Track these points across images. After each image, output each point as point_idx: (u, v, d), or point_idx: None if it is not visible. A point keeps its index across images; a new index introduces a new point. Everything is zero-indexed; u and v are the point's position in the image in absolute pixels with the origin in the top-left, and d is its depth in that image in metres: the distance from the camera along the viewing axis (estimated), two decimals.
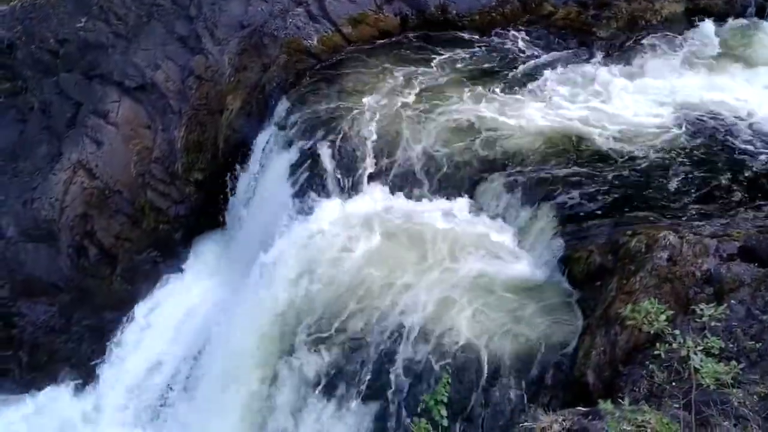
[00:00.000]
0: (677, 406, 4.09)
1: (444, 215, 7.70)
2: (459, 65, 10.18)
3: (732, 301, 5.37)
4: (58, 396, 10.39)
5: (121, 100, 11.24)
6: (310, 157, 8.87)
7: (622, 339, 5.72)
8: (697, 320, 4.08)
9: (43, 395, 10.47)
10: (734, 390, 4.09)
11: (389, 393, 6.38)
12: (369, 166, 8.52)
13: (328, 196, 8.36)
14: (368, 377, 6.53)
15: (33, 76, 12.04)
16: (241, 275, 8.74)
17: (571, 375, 5.96)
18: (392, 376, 6.41)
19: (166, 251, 11.05)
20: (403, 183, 8.35)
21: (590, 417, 3.83)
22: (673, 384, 4.40)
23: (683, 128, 8.71)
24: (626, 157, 8.17)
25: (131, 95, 11.27)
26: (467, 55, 10.39)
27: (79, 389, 10.35)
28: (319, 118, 9.21)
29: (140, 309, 10.52)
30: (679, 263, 5.97)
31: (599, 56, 10.54)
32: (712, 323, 3.25)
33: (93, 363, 10.42)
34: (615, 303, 6.01)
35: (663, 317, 3.12)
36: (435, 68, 10.09)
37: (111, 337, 10.46)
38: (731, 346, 4.87)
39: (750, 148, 8.31)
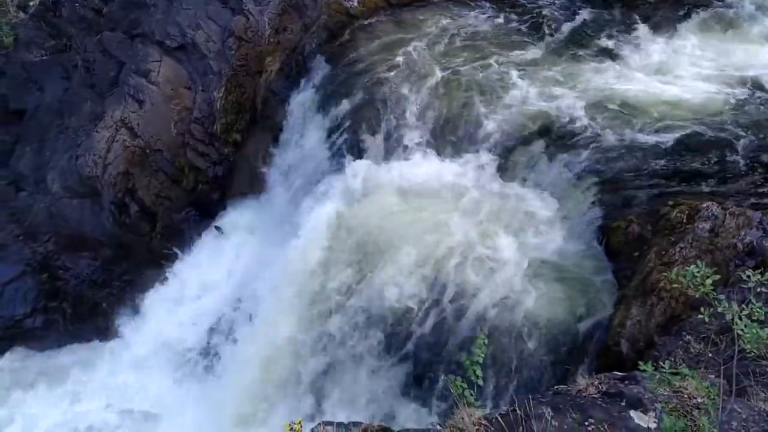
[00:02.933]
0: (713, 375, 4.09)
1: (483, 180, 7.66)
2: (501, 28, 10.00)
3: None
4: (101, 347, 10.76)
5: (162, 59, 11.34)
6: (348, 119, 8.90)
7: (659, 310, 5.69)
8: (739, 290, 4.04)
9: (87, 345, 10.85)
10: None
11: (426, 352, 6.49)
12: (406, 129, 8.49)
13: (364, 158, 8.39)
14: (406, 336, 6.63)
15: (77, 34, 12.20)
16: (278, 234, 8.88)
17: (605, 344, 5.96)
18: (429, 336, 6.51)
19: (205, 210, 11.26)
20: (440, 146, 8.31)
21: (626, 381, 3.86)
22: (710, 354, 4.38)
23: (728, 99, 8.44)
24: (668, 127, 7.97)
25: (172, 55, 11.36)
26: (510, 19, 10.20)
27: (120, 341, 10.70)
28: (357, 80, 9.19)
29: (179, 266, 10.79)
30: (721, 235, 5.88)
31: (644, 23, 10.22)
32: (758, 289, 3.22)
33: (134, 316, 10.75)
34: (653, 274, 5.96)
35: (709, 281, 3.11)
36: (476, 31, 9.93)
37: (151, 291, 10.77)
38: None
39: None
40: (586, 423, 3.54)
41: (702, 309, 3.20)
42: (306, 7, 10.78)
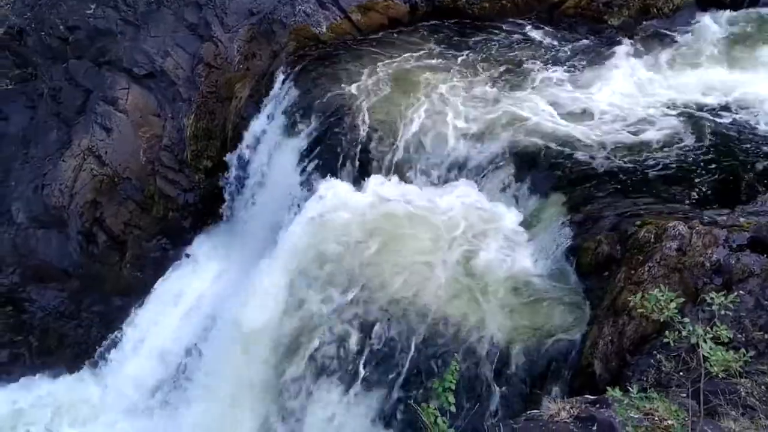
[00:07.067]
0: (684, 395, 4.10)
1: (452, 202, 7.68)
2: (468, 53, 10.12)
3: (741, 292, 5.34)
4: (67, 381, 10.49)
5: (130, 87, 11.26)
6: (318, 143, 8.91)
7: (630, 329, 5.72)
8: (706, 309, 4.07)
9: (52, 380, 10.57)
10: (742, 380, 4.09)
11: (397, 378, 6.43)
12: (376, 151, 8.53)
13: (335, 180, 8.36)
14: (376, 362, 6.57)
15: (43, 63, 12.07)
16: (250, 260, 8.79)
17: (579, 365, 5.96)
18: (400, 362, 6.45)
19: (176, 238, 11.12)
20: (411, 169, 8.35)
21: (598, 405, 3.84)
22: (681, 374, 4.40)
23: (694, 118, 8.63)
24: (636, 147, 8.12)
25: (140, 83, 11.29)
26: (477, 43, 10.35)
27: (87, 375, 10.44)
28: (327, 104, 9.22)
29: (149, 295, 10.60)
30: (688, 253, 5.94)
31: (610, 45, 10.46)
32: (722, 312, 3.25)
33: (102, 349, 10.51)
34: (623, 293, 5.99)
35: (673, 305, 3.12)
36: (445, 56, 10.05)
37: (120, 323, 10.55)
38: (739, 336, 4.86)
39: (761, 138, 8.24)
40: None
41: (667, 333, 3.21)
42: (274, 33, 10.80)
